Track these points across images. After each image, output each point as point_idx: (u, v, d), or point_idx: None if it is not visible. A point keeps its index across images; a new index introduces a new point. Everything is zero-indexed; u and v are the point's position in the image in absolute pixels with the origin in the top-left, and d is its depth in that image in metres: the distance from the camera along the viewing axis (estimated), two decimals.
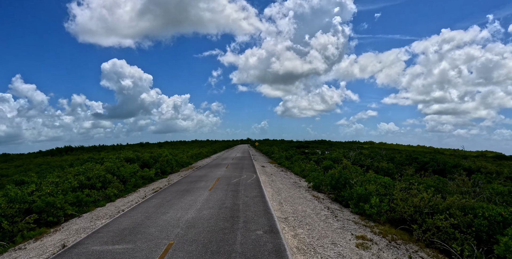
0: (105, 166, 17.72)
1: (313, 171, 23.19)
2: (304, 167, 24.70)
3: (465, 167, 28.18)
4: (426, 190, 11.92)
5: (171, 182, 19.17)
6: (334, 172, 17.49)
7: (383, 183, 14.14)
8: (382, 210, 10.98)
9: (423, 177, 25.42)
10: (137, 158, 22.74)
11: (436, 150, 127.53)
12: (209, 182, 18.19)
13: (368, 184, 13.63)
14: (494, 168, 28.91)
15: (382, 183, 13.97)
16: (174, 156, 33.41)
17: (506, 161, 75.78)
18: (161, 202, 12.74)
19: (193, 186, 16.89)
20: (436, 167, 29.89)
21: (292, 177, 22.48)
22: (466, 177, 23.48)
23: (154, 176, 21.16)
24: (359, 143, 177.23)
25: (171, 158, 27.28)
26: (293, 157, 36.55)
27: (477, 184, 20.16)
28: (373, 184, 13.53)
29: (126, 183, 17.68)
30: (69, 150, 64.19)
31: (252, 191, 14.71)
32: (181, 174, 23.83)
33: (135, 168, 20.11)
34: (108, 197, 14.72)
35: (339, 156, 26.24)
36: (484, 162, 37.56)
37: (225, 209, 10.94)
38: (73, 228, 9.94)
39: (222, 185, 16.83)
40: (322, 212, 11.40)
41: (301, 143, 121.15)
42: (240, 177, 20.14)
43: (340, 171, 14.38)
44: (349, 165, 21.19)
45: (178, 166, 28.47)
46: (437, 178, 19.12)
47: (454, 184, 20.27)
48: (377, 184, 13.77)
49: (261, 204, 11.85)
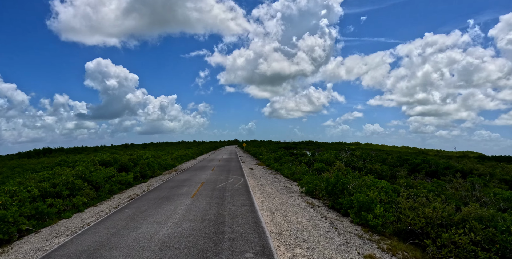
0: (75, 171, 15.81)
1: (304, 173, 21.83)
2: (294, 169, 23.31)
3: (457, 169, 27.45)
4: (434, 197, 10.65)
5: (151, 187, 17.40)
6: (330, 176, 16.12)
7: (384, 188, 12.84)
8: (388, 220, 9.63)
9: (416, 179, 24.44)
10: (114, 161, 20.81)
11: (421, 150, 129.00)
12: (192, 187, 16.53)
13: (368, 190, 12.30)
14: (486, 169, 28.31)
15: (383, 189, 12.67)
16: (157, 158, 31.48)
17: (489, 161, 76.72)
18: (134, 213, 11.03)
19: (174, 192, 15.20)
20: (428, 168, 29.09)
21: (282, 180, 21.04)
22: (462, 179, 22.61)
23: (132, 181, 19.31)
24: (346, 143, 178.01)
25: (152, 160, 25.41)
26: (282, 158, 35.17)
27: (475, 187, 19.24)
28: (374, 189, 12.20)
29: (99, 189, 15.82)
30: (48, 152, 60.95)
31: (240, 198, 13.16)
32: (163, 178, 22.03)
33: (111, 172, 18.23)
34: (76, 207, 12.88)
35: (330, 158, 24.99)
36: (476, 163, 37.12)
37: (208, 222, 9.35)
38: (24, 249, 8.15)
39: (207, 190, 15.21)
40: (320, 223, 9.95)
41: (289, 144, 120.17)
42: (227, 181, 18.55)
43: (337, 175, 13.00)
44: (343, 168, 19.91)
45: (161, 169, 26.62)
46: (436, 181, 18.06)
47: (452, 187, 19.27)
48: (378, 189, 12.46)
49: (250, 214, 10.32)
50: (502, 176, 25.48)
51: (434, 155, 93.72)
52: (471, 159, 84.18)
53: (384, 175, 23.00)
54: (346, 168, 20.17)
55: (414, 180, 23.73)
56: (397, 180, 23.11)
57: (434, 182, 18.19)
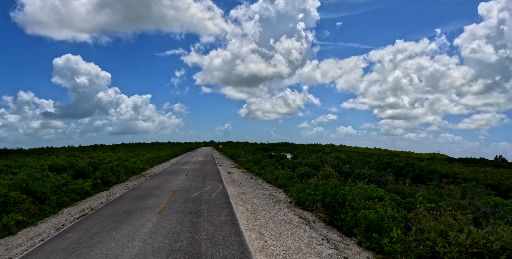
0: (14, 179, 12.66)
1: (289, 179, 19.68)
2: (277, 174, 21.11)
3: (442, 173, 26.47)
4: (456, 213, 8.77)
5: (112, 198, 14.50)
6: (318, 183, 14.01)
7: (391, 200, 10.89)
8: (409, 246, 7.59)
9: (405, 185, 23.04)
10: (69, 165, 17.62)
11: (392, 152, 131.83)
12: (162, 197, 13.84)
13: (373, 203, 10.27)
14: (470, 173, 27.57)
15: (389, 201, 10.70)
16: (124, 160, 28.21)
17: (457, 163, 78.75)
18: (80, 238, 8.28)
19: (138, 204, 12.46)
20: (412, 172, 27.94)
21: (265, 186, 18.76)
22: (454, 186, 21.40)
23: (91, 189, 16.27)
24: (321, 145, 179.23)
25: (118, 163, 22.29)
26: (262, 161, 32.93)
27: (469, 195, 17.93)
28: (378, 202, 10.18)
29: (44, 202, 12.76)
30: (4, 153, 55.07)
31: (219, 213, 10.71)
32: (129, 185, 19.07)
33: (63, 179, 15.14)
34: (7, 228, 9.88)
35: (315, 161, 23.04)
36: (461, 168, 36.64)
37: (178, 254, 6.86)
38: None
39: (178, 202, 12.61)
40: (323, 249, 7.73)
41: (266, 145, 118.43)
42: (203, 189, 16.00)
43: (336, 185, 10.88)
44: (333, 173, 17.95)
45: (128, 174, 23.52)
46: (433, 188, 16.51)
47: (446, 194, 17.84)
48: (385, 201, 10.47)
49: (234, 239, 7.91)
50: (486, 181, 24.67)
51: (406, 156, 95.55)
52: (441, 160, 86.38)
53: (372, 180, 21.34)
54: (335, 173, 18.23)
55: (403, 185, 22.28)
56: (387, 186, 21.55)
57: (431, 189, 16.61)
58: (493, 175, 25.77)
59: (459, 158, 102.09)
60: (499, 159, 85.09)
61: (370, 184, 12.05)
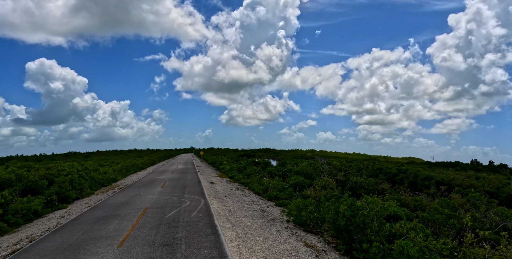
0: None
1: (280, 190, 17.16)
2: (267, 184, 18.53)
3: (437, 180, 24.82)
4: None
5: (64, 221, 11.40)
6: (340, 205, 11.59)
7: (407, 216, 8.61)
8: None
9: (405, 194, 21.08)
10: (17, 179, 14.29)
11: (372, 157, 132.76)
12: (128, 219, 10.92)
13: (399, 226, 7.91)
14: (465, 180, 26.12)
15: (415, 222, 8.40)
16: (93, 170, 24.75)
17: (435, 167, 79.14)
18: None
19: (94, 232, 9.50)
20: (406, 179, 26.18)
21: (254, 199, 16.13)
22: (458, 195, 19.63)
23: (41, 209, 13.03)
24: (302, 151, 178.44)
25: (82, 175, 18.98)
26: (247, 168, 30.27)
27: (483, 206, 16.09)
28: (410, 226, 7.82)
29: None
30: None
31: (202, 244, 7.99)
32: (93, 201, 15.88)
33: (4, 197, 11.89)
34: None
35: (307, 169, 20.68)
36: (455, 174, 35.43)
37: None
38: None
39: (148, 227, 9.76)
40: None
41: (248, 152, 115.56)
42: (181, 205, 13.18)
43: (352, 203, 8.46)
44: (333, 183, 15.61)
45: (95, 186, 20.19)
46: (444, 200, 14.47)
47: (457, 204, 15.90)
48: (408, 222, 8.13)
49: None
50: (484, 188, 23.17)
51: (385, 161, 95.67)
52: (420, 165, 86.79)
53: (370, 190, 19.20)
54: (333, 184, 15.92)
55: (404, 194, 20.30)
56: (386, 196, 19.47)
57: (442, 201, 14.56)
58: (490, 181, 24.36)
59: (436, 162, 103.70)
60: (475, 162, 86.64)
61: (390, 201, 9.73)
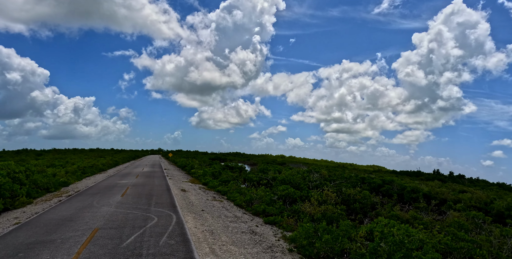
0: None
1: (268, 202, 14.27)
2: (250, 194, 15.51)
3: (424, 193, 23.21)
4: None
5: None
6: (378, 240, 8.88)
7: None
8: None
9: (393, 206, 19.02)
10: None
11: (339, 164, 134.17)
12: (63, 251, 7.43)
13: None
14: (452, 193, 24.83)
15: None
16: (38, 171, 20.27)
17: (405, 176, 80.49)
18: None
19: None
20: (392, 191, 24.38)
21: (237, 214, 13.06)
22: (456, 212, 17.86)
23: None
24: (272, 156, 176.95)
25: (18, 178, 14.81)
26: (223, 174, 27.05)
27: (480, 225, 14.29)
28: None
29: None
30: None
31: None
32: (26, 213, 11.93)
33: None
34: None
35: (295, 178, 17.97)
36: (444, 188, 34.40)
37: None
38: None
39: None
40: None
41: (218, 155, 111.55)
42: (145, 224, 9.83)
43: (393, 233, 5.76)
44: (332, 196, 12.99)
45: (36, 192, 16.00)
46: (457, 222, 12.34)
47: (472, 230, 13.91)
48: None
49: None
50: (471, 203, 21.83)
51: (352, 168, 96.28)
52: (387, 173, 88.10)
53: (365, 204, 16.85)
54: (336, 200, 13.32)
55: (402, 211, 18.27)
56: (381, 211, 17.22)
57: (455, 222, 12.41)
58: (477, 196, 23.18)
59: (401, 171, 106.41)
60: (437, 172, 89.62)
61: (422, 228, 7.21)
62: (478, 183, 72.94)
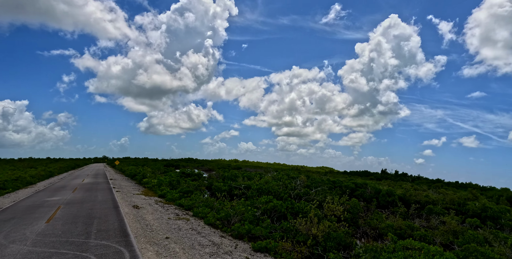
0: None
1: (251, 219, 11.13)
2: (225, 210, 12.15)
3: (399, 196, 21.97)
4: None
5: None
6: None
7: None
8: None
9: (372, 212, 17.14)
10: None
11: (293, 167, 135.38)
12: None
13: None
14: (425, 195, 24.06)
15: None
16: None
17: (356, 176, 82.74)
18: None
19: None
20: (366, 194, 22.79)
21: (215, 239, 9.64)
22: (454, 221, 16.41)
23: None
24: (225, 160, 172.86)
25: None
26: (182, 183, 23.07)
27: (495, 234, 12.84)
28: None
29: None
30: None
31: None
32: None
33: None
34: None
35: (273, 187, 15.04)
36: (422, 190, 33.81)
37: None
38: None
39: None
40: None
41: (170, 161, 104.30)
42: None
43: None
44: (339, 211, 10.31)
45: None
46: (473, 234, 10.49)
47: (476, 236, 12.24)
48: None
49: None
50: (445, 205, 21.05)
51: (306, 170, 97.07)
52: (340, 174, 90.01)
53: (354, 214, 14.53)
54: (345, 215, 10.66)
55: (383, 216, 16.38)
56: (372, 221, 15.06)
57: (469, 236, 10.56)
58: (449, 197, 22.58)
59: (351, 171, 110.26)
60: (384, 172, 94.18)
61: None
62: (420, 180, 77.83)
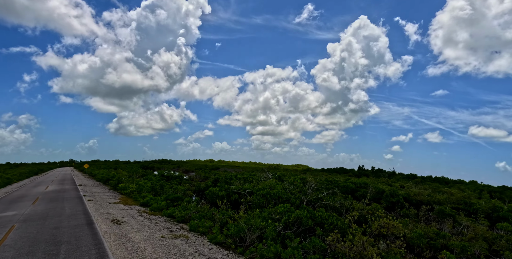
0: None
1: (273, 237, 8.59)
2: (239, 224, 9.54)
3: (403, 196, 20.37)
4: None
5: None
6: None
7: None
8: None
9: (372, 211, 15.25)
10: None
11: (271, 165, 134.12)
12: None
13: None
14: (429, 195, 22.74)
15: None
16: None
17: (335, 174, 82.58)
18: None
19: None
20: (371, 195, 20.99)
21: None
22: (484, 227, 14.79)
23: None
24: (200, 161, 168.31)
25: None
26: (166, 188, 19.96)
27: None
28: None
29: None
30: None
31: None
32: None
33: None
34: None
35: (279, 190, 12.59)
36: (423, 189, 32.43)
37: None
38: None
39: None
40: None
41: (143, 163, 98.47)
42: None
43: None
44: (399, 228, 8.02)
45: None
46: None
47: None
48: None
49: None
50: (451, 204, 19.77)
51: (282, 169, 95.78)
52: (316, 172, 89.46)
53: (362, 218, 12.42)
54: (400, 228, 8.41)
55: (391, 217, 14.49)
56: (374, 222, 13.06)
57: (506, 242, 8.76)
58: (454, 196, 21.38)
59: (328, 169, 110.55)
60: (362, 168, 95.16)
61: None
62: (395, 176, 78.94)
